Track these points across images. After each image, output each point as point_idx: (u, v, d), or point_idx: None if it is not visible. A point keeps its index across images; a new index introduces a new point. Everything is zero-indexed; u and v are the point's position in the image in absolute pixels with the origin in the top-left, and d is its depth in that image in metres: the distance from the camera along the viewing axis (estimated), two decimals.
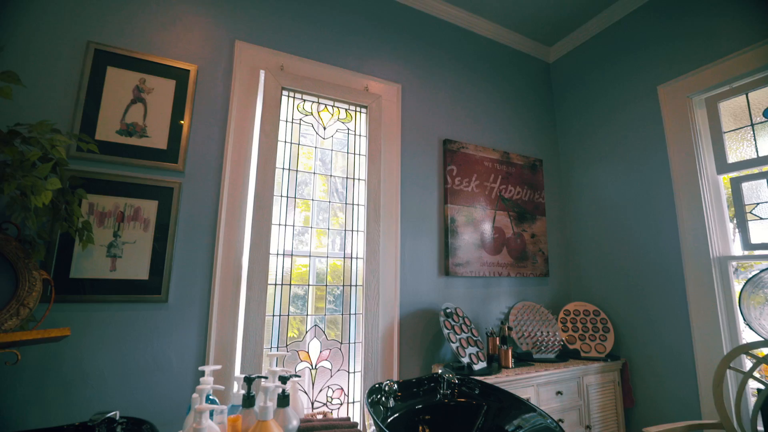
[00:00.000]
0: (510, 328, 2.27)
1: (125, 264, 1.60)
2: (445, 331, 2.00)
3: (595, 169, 2.75)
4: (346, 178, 2.21)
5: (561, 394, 2.09)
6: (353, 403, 2.01)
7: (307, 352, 1.97)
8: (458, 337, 2.04)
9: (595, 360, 2.27)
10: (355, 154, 2.25)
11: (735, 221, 2.09)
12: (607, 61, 2.74)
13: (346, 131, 2.26)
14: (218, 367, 1.05)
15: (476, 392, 1.42)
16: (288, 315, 1.95)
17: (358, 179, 2.23)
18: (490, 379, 1.88)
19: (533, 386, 2.01)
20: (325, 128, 2.20)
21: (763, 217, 1.99)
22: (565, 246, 2.89)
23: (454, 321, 2.10)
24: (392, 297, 2.14)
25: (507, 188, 2.62)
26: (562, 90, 3.09)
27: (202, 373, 1.66)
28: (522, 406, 1.25)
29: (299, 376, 1.05)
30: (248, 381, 0.96)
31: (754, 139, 2.05)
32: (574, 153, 2.93)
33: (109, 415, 0.91)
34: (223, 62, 1.94)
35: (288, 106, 2.11)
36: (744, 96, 2.09)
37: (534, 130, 2.95)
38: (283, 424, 0.91)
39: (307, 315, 2.02)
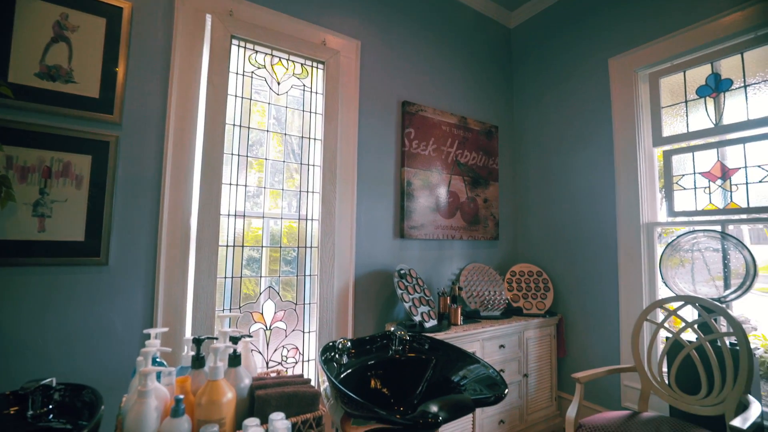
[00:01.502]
0: (460, 288, 2.39)
1: (56, 224, 1.47)
2: (399, 292, 2.07)
3: (545, 138, 2.85)
4: (302, 137, 2.14)
5: (504, 347, 2.27)
6: (308, 361, 2.07)
7: (261, 314, 1.97)
8: (411, 297, 2.12)
9: (535, 316, 2.47)
10: (311, 112, 2.17)
11: (663, 191, 2.29)
12: (564, 30, 2.78)
13: (302, 88, 2.15)
14: (165, 329, 1.02)
15: (426, 347, 1.50)
16: (241, 277, 1.92)
17: (315, 139, 2.16)
18: (440, 336, 1.99)
19: (479, 341, 2.16)
20: (279, 83, 2.08)
21: (686, 187, 2.19)
22: (514, 211, 3.03)
23: (408, 282, 2.17)
24: (348, 258, 2.16)
25: (463, 153, 2.66)
26: (521, 57, 3.12)
27: (148, 336, 1.61)
28: (467, 358, 1.34)
29: (251, 337, 1.04)
30: (197, 342, 0.94)
31: (686, 115, 2.21)
32: (527, 121, 3.01)
33: (44, 382, 0.87)
34: (162, 1, 1.74)
35: (238, 57, 1.96)
36: (682, 74, 2.23)
37: (492, 96, 2.98)
38: (234, 383, 0.91)
39: (261, 277, 2.00)
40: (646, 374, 1.87)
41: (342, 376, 1.33)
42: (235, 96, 1.93)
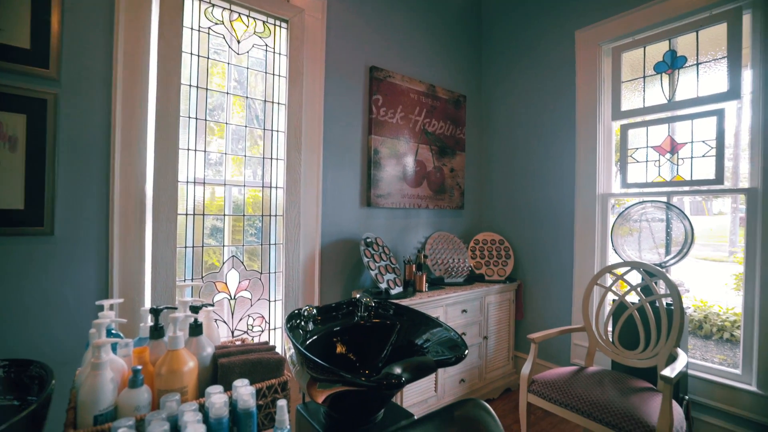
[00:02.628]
0: (425, 256, 2.45)
1: None
2: (365, 260, 2.09)
3: (512, 109, 2.89)
4: (266, 102, 2.04)
5: (466, 312, 2.37)
6: (275, 329, 2.07)
7: (225, 283, 1.94)
8: (377, 264, 2.14)
9: (496, 282, 2.59)
10: (275, 75, 2.06)
11: (619, 164, 2.40)
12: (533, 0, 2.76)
13: (265, 48, 2.03)
14: (119, 300, 0.98)
15: (390, 313, 1.54)
16: (203, 246, 1.86)
17: (279, 104, 2.07)
18: (405, 302, 2.04)
19: (443, 306, 2.25)
20: (239, 42, 1.95)
21: (639, 160, 2.31)
22: (480, 181, 3.09)
23: (374, 250, 2.20)
24: (313, 227, 2.14)
25: (431, 122, 2.65)
26: (490, 27, 3.08)
27: (102, 308, 1.54)
28: (430, 322, 1.39)
29: (212, 305, 1.03)
30: (154, 312, 0.91)
31: (644, 91, 2.30)
32: (495, 91, 3.02)
33: None
34: None
35: (193, 9, 1.81)
36: (642, 49, 2.29)
37: (461, 65, 2.95)
38: (196, 352, 0.90)
39: (224, 246, 1.95)
40: (593, 333, 2.03)
41: (308, 342, 1.34)
42: (191, 54, 1.80)
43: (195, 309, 0.96)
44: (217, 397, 0.73)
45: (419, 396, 2.14)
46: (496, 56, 3.03)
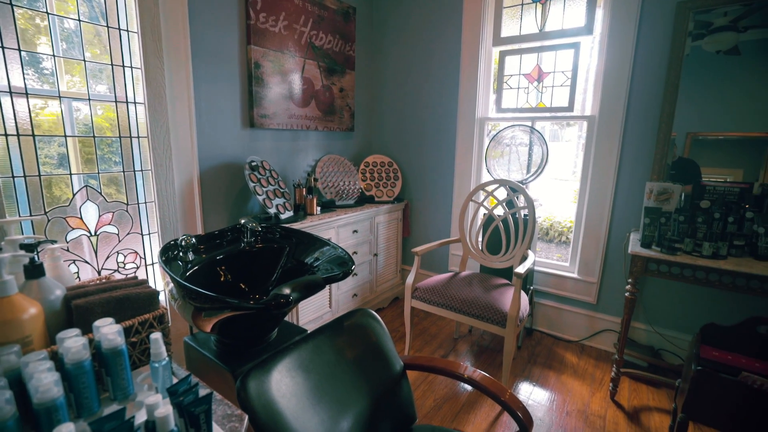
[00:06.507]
0: (316, 180, 2.41)
1: None
2: (251, 185, 1.96)
3: (402, 28, 2.80)
4: None
5: (357, 232, 2.47)
6: (153, 264, 1.89)
7: (80, 218, 1.65)
8: (265, 189, 2.04)
9: (385, 203, 2.71)
10: None
11: (496, 89, 2.58)
12: None
13: None
14: None
15: (278, 236, 1.51)
16: (39, 176, 1.52)
17: None
18: (296, 226, 2.02)
19: (335, 228, 2.29)
20: None
21: (512, 86, 2.51)
22: (370, 102, 3.05)
23: (261, 174, 2.07)
24: (188, 150, 1.89)
25: (318, 35, 2.43)
26: None
27: None
28: (317, 242, 1.41)
29: (54, 242, 0.86)
30: None
31: (521, 18, 2.42)
32: (386, 6, 2.87)
33: None
34: None
35: None
36: None
37: None
38: (40, 297, 0.76)
39: (71, 174, 1.62)
40: (467, 243, 2.32)
41: (188, 273, 1.26)
42: None
43: (29, 247, 0.79)
44: (72, 341, 0.64)
45: (315, 313, 2.25)
46: None
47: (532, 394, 1.90)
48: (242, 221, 1.44)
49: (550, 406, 1.82)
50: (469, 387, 1.94)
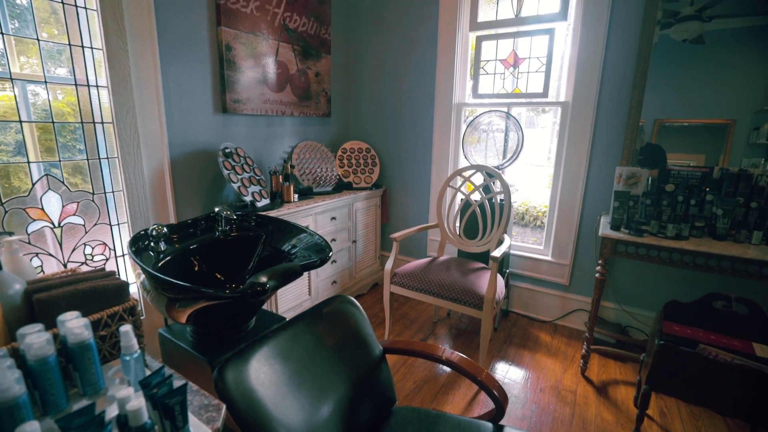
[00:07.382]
0: (293, 166, 2.37)
1: None
2: (225, 172, 1.91)
3: (379, 11, 2.75)
4: None
5: (335, 219, 2.46)
6: (123, 256, 1.83)
7: (42, 209, 1.57)
8: (240, 177, 1.99)
9: (363, 189, 2.70)
10: None
11: (473, 75, 2.58)
12: None
13: None
14: None
15: (254, 225, 1.49)
16: None
17: None
18: (273, 213, 1.99)
19: (312, 215, 2.27)
20: None
21: (489, 72, 2.51)
22: (347, 87, 3.00)
23: (235, 161, 2.02)
24: (157, 136, 1.82)
25: (292, 17, 2.36)
26: None
27: None
28: (294, 229, 1.40)
29: (11, 234, 0.82)
30: None
31: (498, 3, 2.41)
32: None
33: None
34: None
35: None
36: None
37: None
38: None
39: (29, 162, 1.53)
40: (444, 228, 2.34)
41: (161, 264, 1.22)
42: None
43: None
44: (34, 336, 0.62)
45: (294, 301, 2.24)
46: None
47: (508, 373, 1.96)
48: (216, 209, 1.41)
49: (525, 383, 1.89)
50: (447, 369, 1.99)
